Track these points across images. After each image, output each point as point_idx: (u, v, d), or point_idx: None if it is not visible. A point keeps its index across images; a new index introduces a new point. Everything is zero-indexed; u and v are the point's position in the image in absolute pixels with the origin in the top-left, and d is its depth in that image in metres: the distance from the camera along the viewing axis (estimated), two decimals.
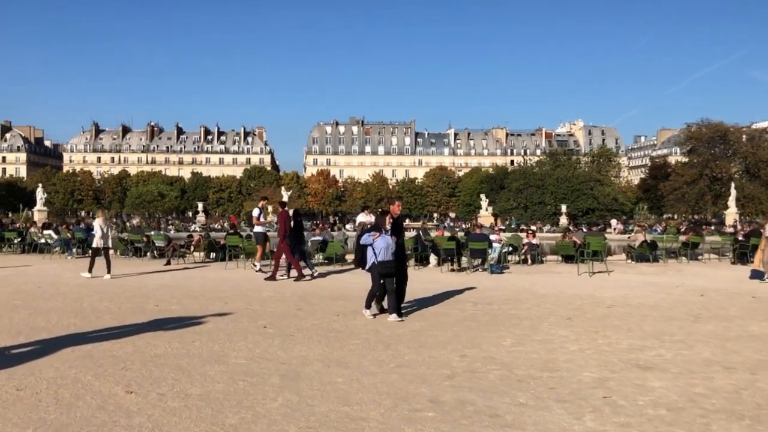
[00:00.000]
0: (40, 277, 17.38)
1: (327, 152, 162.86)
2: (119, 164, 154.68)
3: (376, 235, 10.74)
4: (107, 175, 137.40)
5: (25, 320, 10.40)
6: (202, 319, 10.57)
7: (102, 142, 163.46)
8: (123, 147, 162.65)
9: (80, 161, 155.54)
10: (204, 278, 17.21)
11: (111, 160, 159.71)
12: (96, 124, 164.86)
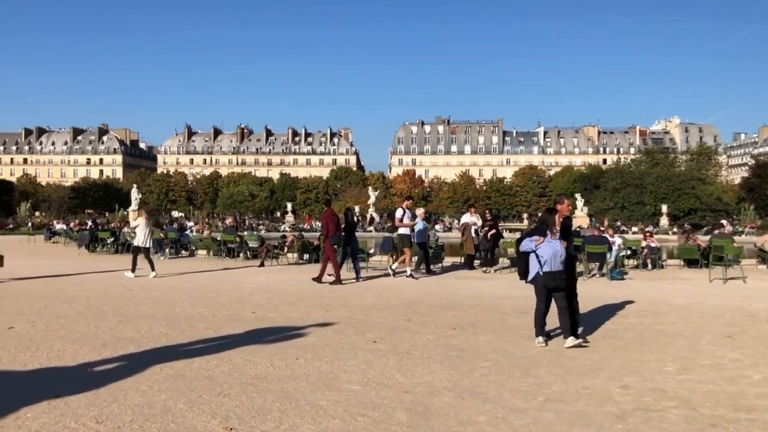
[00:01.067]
0: (131, 278, 16.76)
1: (412, 152, 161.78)
2: (210, 165, 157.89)
3: (539, 240, 8.78)
4: (199, 176, 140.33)
5: (113, 329, 9.52)
6: (303, 331, 9.44)
7: (194, 144, 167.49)
8: (214, 149, 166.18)
9: (173, 163, 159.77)
10: (300, 282, 16.19)
11: (203, 161, 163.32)
12: (189, 127, 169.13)
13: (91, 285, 15.22)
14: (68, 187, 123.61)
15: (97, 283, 15.59)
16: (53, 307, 11.68)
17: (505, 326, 10.08)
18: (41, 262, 21.67)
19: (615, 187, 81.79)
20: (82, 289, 14.32)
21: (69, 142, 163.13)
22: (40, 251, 28.68)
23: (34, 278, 16.27)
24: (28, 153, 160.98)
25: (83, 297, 13.05)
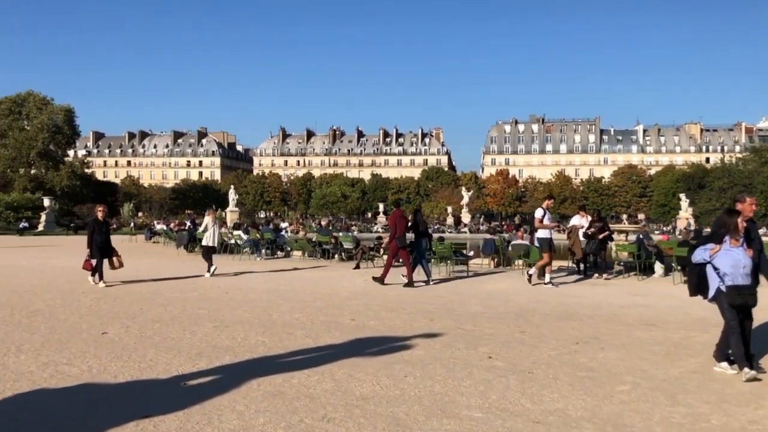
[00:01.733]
0: (227, 280, 16.45)
1: (506, 152, 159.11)
2: (304, 167, 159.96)
3: (715, 248, 7.35)
4: (293, 177, 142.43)
5: (209, 336, 9.01)
6: (409, 342, 8.66)
7: (288, 146, 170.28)
8: (307, 150, 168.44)
9: (269, 164, 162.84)
10: (397, 286, 15.47)
11: (297, 163, 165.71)
12: (283, 129, 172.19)
13: (187, 287, 14.95)
14: (169, 189, 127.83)
15: (194, 285, 15.32)
16: (149, 310, 11.35)
17: (634, 341, 8.99)
18: (142, 263, 21.79)
19: (722, 186, 77.83)
20: (179, 291, 14.04)
21: (170, 145, 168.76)
22: (141, 251, 29.12)
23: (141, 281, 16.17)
24: (131, 156, 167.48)
25: (179, 300, 12.72)
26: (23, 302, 12.15)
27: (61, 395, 6.14)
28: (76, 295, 13.29)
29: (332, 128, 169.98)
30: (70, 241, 39.49)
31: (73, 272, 18.03)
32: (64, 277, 16.78)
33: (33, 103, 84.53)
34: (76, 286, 14.86)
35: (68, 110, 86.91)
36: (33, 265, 20.74)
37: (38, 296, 13.01)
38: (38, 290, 14.00)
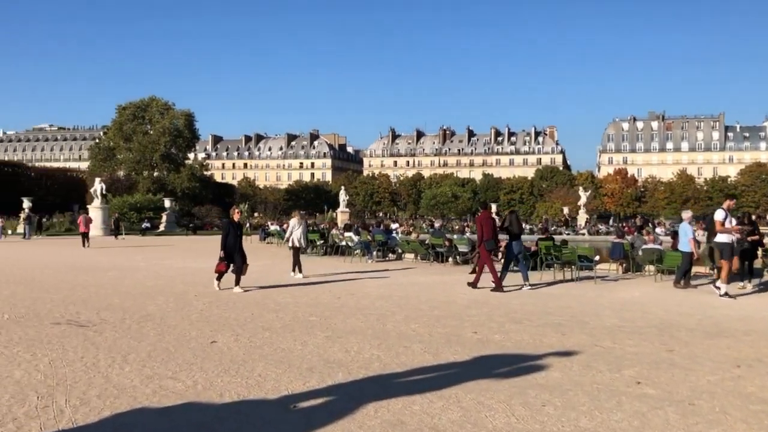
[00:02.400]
0: (340, 284, 15.91)
1: (623, 150, 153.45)
2: (413, 167, 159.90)
3: None
4: (402, 177, 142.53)
5: (320, 348, 8.36)
6: (541, 362, 7.70)
7: (398, 147, 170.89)
8: (417, 151, 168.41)
9: (378, 165, 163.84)
10: (520, 293, 14.45)
11: (406, 163, 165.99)
12: (393, 130, 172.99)
13: (299, 291, 14.49)
14: (282, 190, 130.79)
15: (305, 289, 14.85)
16: (260, 316, 10.89)
17: None
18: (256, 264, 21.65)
19: None
20: (291, 296, 13.58)
21: (284, 147, 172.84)
22: (256, 252, 29.22)
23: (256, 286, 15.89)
24: (247, 158, 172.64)
25: (291, 305, 12.23)
26: (136, 306, 11.99)
27: (162, 417, 5.59)
28: (189, 298, 13.06)
29: (442, 128, 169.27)
30: (188, 241, 40.53)
31: (188, 274, 18.06)
32: (178, 279, 16.76)
33: (156, 108, 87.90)
34: (190, 288, 14.71)
35: (188, 115, 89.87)
36: (149, 266, 21.01)
37: (151, 299, 12.86)
38: (152, 292, 13.90)
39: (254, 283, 15.76)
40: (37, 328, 9.64)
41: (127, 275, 17.84)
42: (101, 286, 15.22)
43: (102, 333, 9.24)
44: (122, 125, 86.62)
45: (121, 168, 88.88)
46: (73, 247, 32.80)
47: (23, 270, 19.36)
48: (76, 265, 21.39)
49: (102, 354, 7.89)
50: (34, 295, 13.49)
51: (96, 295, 13.42)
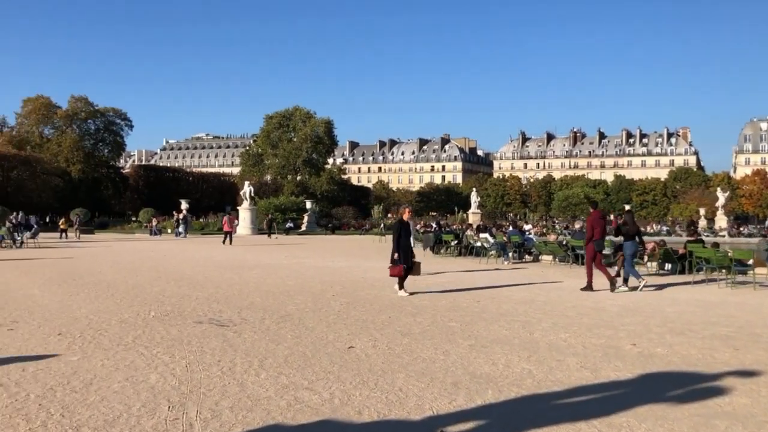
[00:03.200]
0: (477, 287, 14.84)
1: (762, 150, 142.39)
2: (543, 169, 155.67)
3: None
4: (533, 179, 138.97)
5: (464, 358, 7.36)
6: (719, 383, 6.32)
7: (528, 150, 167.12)
8: (547, 153, 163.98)
9: (508, 168, 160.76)
10: (674, 300, 12.83)
11: (536, 165, 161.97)
12: (522, 133, 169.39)
13: (437, 294, 13.55)
14: (414, 192, 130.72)
15: (443, 292, 13.90)
16: (398, 319, 10.04)
17: None
18: None
19: None
20: (429, 298, 12.66)
21: (416, 151, 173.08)
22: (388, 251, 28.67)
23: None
24: (381, 162, 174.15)
25: (429, 308, 11.31)
26: (276, 305, 11.48)
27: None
28: (326, 298, 12.45)
29: (573, 130, 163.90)
30: (326, 241, 40.73)
31: (326, 273, 17.55)
32: (317, 278, 16.27)
33: (299, 117, 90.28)
34: (327, 288, 14.14)
35: (328, 122, 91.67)
36: (291, 264, 20.80)
37: (290, 298, 12.35)
38: (292, 292, 13.42)
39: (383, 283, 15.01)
40: (179, 327, 9.24)
41: (270, 273, 17.61)
42: (245, 284, 14.96)
43: (241, 334, 8.70)
44: (269, 133, 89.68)
45: (268, 172, 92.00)
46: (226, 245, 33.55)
47: (176, 267, 19.64)
48: (224, 263, 21.53)
49: (239, 357, 7.29)
50: (181, 291, 13.35)
51: (239, 294, 13.09)
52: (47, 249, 28.88)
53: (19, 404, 5.45)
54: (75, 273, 17.20)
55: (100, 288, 13.88)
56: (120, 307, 11.15)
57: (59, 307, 11.06)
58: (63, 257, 23.60)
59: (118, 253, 26.83)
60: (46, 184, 69.04)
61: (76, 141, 79.42)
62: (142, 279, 15.84)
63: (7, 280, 15.48)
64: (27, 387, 5.98)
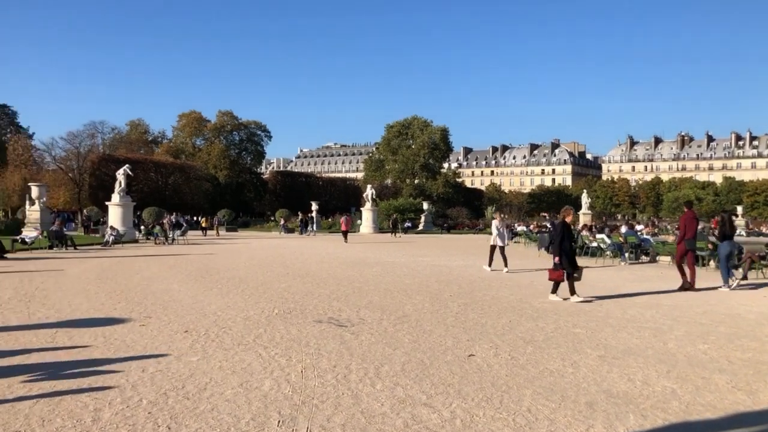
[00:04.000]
0: (597, 288, 13.36)
1: None
2: (651, 172, 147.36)
3: None
4: (641, 182, 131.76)
5: (596, 372, 6.17)
6: None
7: (636, 153, 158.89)
8: (655, 156, 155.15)
9: (616, 171, 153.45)
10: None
11: (644, 168, 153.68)
12: (630, 137, 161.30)
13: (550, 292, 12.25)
14: (525, 194, 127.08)
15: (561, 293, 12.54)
16: (518, 324, 8.90)
17: None
18: None
19: None
20: (549, 301, 11.41)
21: (526, 156, 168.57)
22: None
23: None
24: (494, 166, 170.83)
25: (550, 312, 10.08)
26: (394, 305, 10.62)
27: None
28: (444, 299, 11.45)
29: (680, 134, 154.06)
30: (442, 240, 39.67)
31: (443, 272, 16.52)
32: (433, 277, 15.29)
33: (416, 125, 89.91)
34: (444, 287, 13.13)
35: (444, 130, 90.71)
36: (409, 262, 19.95)
37: (408, 298, 11.45)
38: (409, 291, 12.51)
39: (500, 283, 13.84)
40: (300, 326, 8.56)
41: (388, 271, 16.83)
42: (365, 281, 14.23)
43: (358, 336, 7.88)
44: (390, 141, 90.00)
45: (388, 176, 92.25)
46: (349, 243, 33.29)
47: (303, 263, 19.26)
48: (347, 260, 21.00)
49: (355, 363, 6.46)
50: (305, 288, 12.78)
51: (359, 292, 12.34)
52: (194, 245, 29.61)
53: (129, 411, 4.85)
54: (213, 269, 17.15)
55: (232, 283, 13.57)
56: (247, 303, 10.67)
57: (192, 302, 10.72)
58: (206, 253, 23.93)
59: (254, 249, 27.03)
60: (197, 188, 72.24)
61: (223, 150, 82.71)
62: (271, 275, 15.47)
63: (154, 274, 15.56)
64: (142, 391, 5.40)
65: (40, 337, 7.66)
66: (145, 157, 74.37)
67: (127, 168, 35.79)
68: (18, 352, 6.83)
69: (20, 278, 14.20)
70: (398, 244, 32.53)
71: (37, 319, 8.96)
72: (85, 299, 10.97)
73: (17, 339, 7.54)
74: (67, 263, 18.58)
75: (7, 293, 11.69)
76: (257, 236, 43.62)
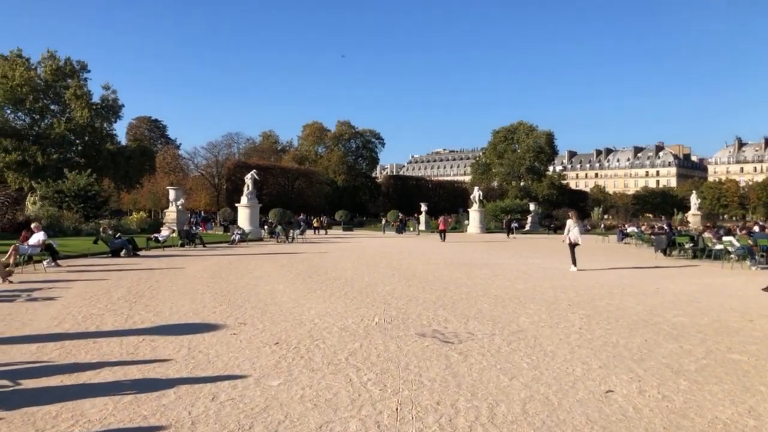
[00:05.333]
0: (730, 297, 10.84)
1: None
2: (761, 173, 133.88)
3: None
4: (751, 182, 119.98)
5: None
6: None
7: (744, 154, 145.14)
8: (765, 157, 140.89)
9: (723, 172, 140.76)
10: None
11: (753, 169, 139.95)
12: (738, 139, 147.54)
13: (687, 305, 9.88)
14: (630, 195, 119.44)
15: (694, 302, 10.16)
16: (657, 345, 6.83)
17: None
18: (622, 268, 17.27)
19: None
20: (682, 311, 9.14)
21: (630, 158, 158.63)
22: (614, 252, 24.50)
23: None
24: (597, 169, 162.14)
25: (690, 328, 7.89)
26: (506, 315, 8.78)
27: None
28: (562, 308, 9.46)
29: None
30: (549, 240, 36.88)
31: (556, 276, 14.36)
32: (546, 282, 13.22)
33: (522, 130, 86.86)
34: (560, 294, 11.08)
35: (549, 134, 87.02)
36: (518, 264, 17.89)
37: (522, 307, 9.57)
38: (522, 298, 10.60)
39: (622, 290, 11.60)
40: (400, 340, 6.99)
41: (497, 274, 14.93)
42: (473, 285, 12.43)
43: (467, 357, 6.19)
44: (496, 145, 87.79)
45: (494, 179, 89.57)
46: (453, 243, 31.48)
47: (410, 264, 17.70)
48: (454, 260, 19.25)
49: (463, 399, 4.79)
50: (410, 292, 11.19)
51: (467, 298, 10.59)
52: (311, 244, 28.93)
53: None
54: (321, 268, 15.98)
55: (336, 285, 12.24)
56: (348, 309, 9.24)
57: (292, 306, 9.44)
58: (319, 252, 22.99)
59: (365, 248, 25.87)
60: (319, 191, 72.97)
61: (341, 157, 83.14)
62: (377, 276, 14.02)
63: (264, 273, 14.58)
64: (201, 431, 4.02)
65: (124, 346, 6.57)
66: (274, 164, 76.03)
67: (254, 173, 36.02)
68: (91, 366, 5.71)
69: (140, 275, 13.62)
70: (506, 245, 30.33)
71: (132, 323, 7.95)
72: (189, 300, 9.98)
73: (99, 349, 6.47)
74: (190, 261, 18.12)
75: (120, 291, 10.97)
76: (370, 235, 42.70)
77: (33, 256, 14.60)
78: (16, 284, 11.80)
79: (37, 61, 49.62)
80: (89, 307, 9.21)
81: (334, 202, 73.02)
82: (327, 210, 71.31)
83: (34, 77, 47.84)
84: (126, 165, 52.96)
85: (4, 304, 9.38)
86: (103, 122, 52.15)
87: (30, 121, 49.98)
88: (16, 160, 45.03)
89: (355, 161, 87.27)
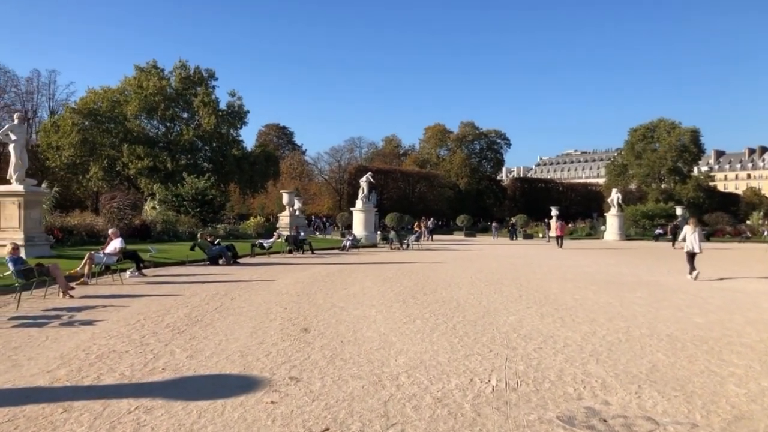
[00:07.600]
0: None
1: None
2: None
3: None
4: None
5: None
6: None
7: None
8: None
9: None
10: None
11: None
12: None
13: None
14: None
15: None
16: None
17: None
18: None
19: None
20: None
21: None
22: None
23: None
24: (750, 169, 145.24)
25: None
26: (702, 381, 5.47)
27: None
28: None
29: None
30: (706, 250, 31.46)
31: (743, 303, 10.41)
32: (735, 311, 9.49)
33: (662, 128, 78.76)
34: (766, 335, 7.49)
35: (694, 132, 78.04)
36: (679, 282, 13.92)
37: (719, 359, 6.17)
38: (711, 341, 7.10)
39: None
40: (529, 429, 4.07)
41: (659, 298, 11.29)
42: (632, 318, 9.04)
43: None
44: (633, 145, 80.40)
45: (632, 181, 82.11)
46: (589, 251, 27.36)
47: (540, 281, 14.37)
48: (596, 276, 15.65)
49: None
50: (545, 329, 8.06)
51: (627, 339, 7.33)
52: (428, 251, 26.27)
53: None
54: (430, 284, 13.17)
55: (444, 311, 9.40)
56: (452, 356, 6.39)
57: (376, 347, 6.77)
58: (434, 262, 20.20)
59: (486, 257, 22.76)
60: (440, 195, 70.40)
61: (464, 159, 79.88)
62: (499, 300, 10.95)
63: (360, 290, 12.08)
64: None
65: (97, 423, 4.22)
66: (394, 167, 74.49)
67: (369, 176, 34.17)
68: None
69: (218, 290, 11.64)
70: (655, 256, 25.80)
71: (149, 371, 5.66)
72: (248, 332, 7.63)
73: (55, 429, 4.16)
74: (288, 271, 16.12)
75: (179, 313, 8.91)
76: (493, 243, 39.30)
77: (110, 265, 13.16)
78: (76, 299, 10.21)
79: (170, 71, 51.46)
80: (121, 337, 7.15)
81: (456, 206, 69.96)
82: (449, 214, 68.48)
83: (165, 86, 49.55)
84: (251, 170, 53.47)
85: (28, 331, 7.58)
86: (229, 128, 53.01)
87: (162, 128, 51.92)
88: (148, 166, 46.66)
89: (479, 163, 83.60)
